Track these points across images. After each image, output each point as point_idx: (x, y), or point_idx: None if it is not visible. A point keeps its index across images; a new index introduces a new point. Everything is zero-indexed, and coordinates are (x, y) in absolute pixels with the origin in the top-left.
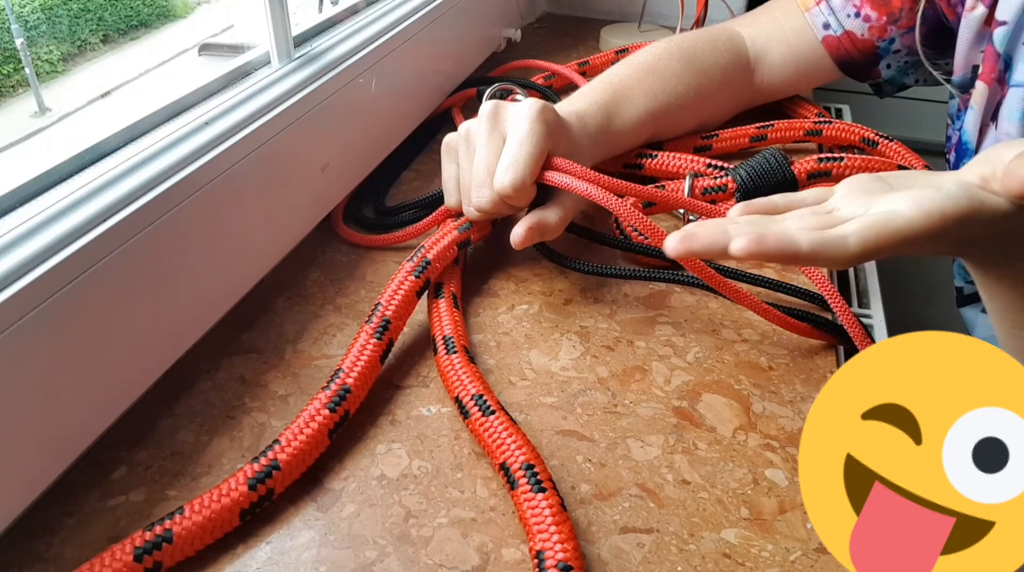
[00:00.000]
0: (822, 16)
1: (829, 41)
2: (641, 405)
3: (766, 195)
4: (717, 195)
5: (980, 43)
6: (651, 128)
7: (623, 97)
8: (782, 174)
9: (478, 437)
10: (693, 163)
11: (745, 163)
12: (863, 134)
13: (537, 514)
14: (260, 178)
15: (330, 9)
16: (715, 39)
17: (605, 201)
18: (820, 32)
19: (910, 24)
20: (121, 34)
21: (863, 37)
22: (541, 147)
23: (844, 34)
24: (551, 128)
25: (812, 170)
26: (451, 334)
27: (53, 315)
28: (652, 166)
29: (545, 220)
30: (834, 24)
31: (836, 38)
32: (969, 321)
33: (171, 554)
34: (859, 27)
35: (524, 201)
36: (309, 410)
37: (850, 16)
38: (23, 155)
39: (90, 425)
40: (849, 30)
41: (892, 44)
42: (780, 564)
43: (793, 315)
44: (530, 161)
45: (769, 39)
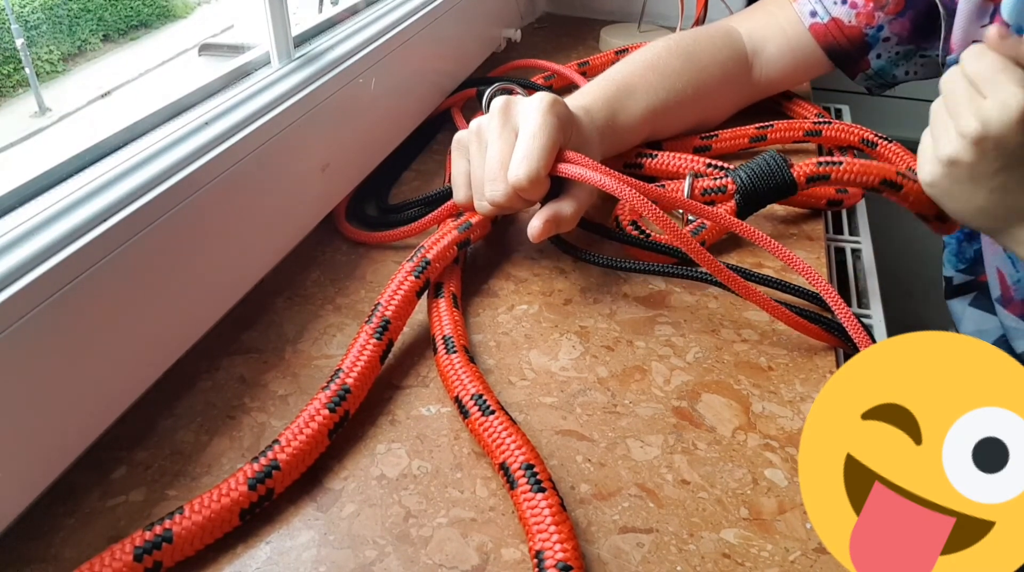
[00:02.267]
0: (809, 4)
1: (816, 29)
2: (641, 405)
3: (765, 197)
4: (717, 196)
5: (982, 17)
6: (652, 125)
7: (626, 94)
8: (782, 177)
9: (478, 437)
10: (693, 163)
11: (745, 165)
12: (863, 135)
13: (537, 514)
14: (260, 178)
15: (330, 9)
16: (713, 36)
17: (620, 191)
18: (807, 20)
19: (897, 10)
20: (121, 34)
21: (850, 24)
22: (554, 140)
23: (831, 21)
24: (563, 121)
25: (811, 174)
26: (451, 334)
27: (53, 315)
28: (652, 166)
29: (560, 212)
30: (821, 11)
31: (823, 25)
32: (956, 314)
33: (171, 554)
34: (846, 14)
35: (538, 194)
36: (309, 410)
37: (836, 3)
38: (23, 155)
39: (90, 425)
40: (836, 17)
41: (881, 31)
42: (779, 564)
43: (800, 315)
44: (544, 153)
45: (766, 33)
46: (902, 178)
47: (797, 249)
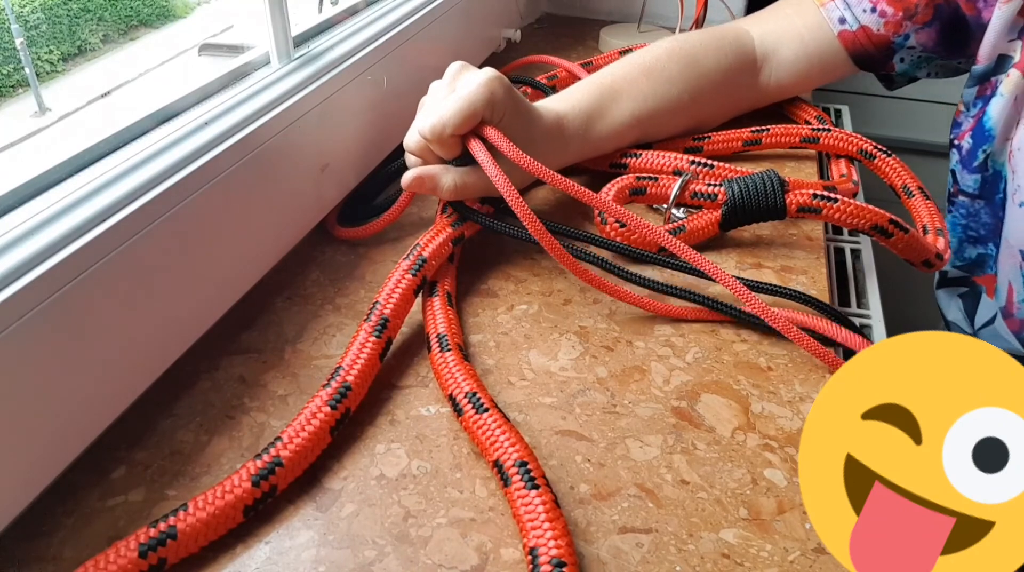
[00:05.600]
0: (838, 11)
1: (845, 36)
2: (640, 405)
3: (752, 215)
4: (705, 202)
5: (1011, 33)
6: (637, 131)
7: (609, 101)
8: (774, 200)
9: (472, 435)
10: (677, 161)
11: (741, 178)
12: (861, 145)
13: (531, 511)
14: (259, 178)
15: (330, 9)
16: (720, 39)
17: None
18: (836, 27)
19: (925, 20)
20: (121, 34)
21: (878, 32)
22: (473, 108)
23: (860, 29)
24: (495, 98)
25: (804, 204)
26: (445, 332)
27: (51, 315)
28: (637, 165)
29: (435, 176)
30: (850, 19)
31: (852, 32)
32: (943, 304)
33: (175, 550)
34: (875, 22)
35: (444, 150)
36: (310, 408)
37: (866, 11)
38: (23, 155)
39: (89, 425)
40: (865, 25)
41: (907, 40)
42: (779, 564)
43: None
44: (455, 114)
45: (780, 36)
46: (894, 226)
47: (796, 249)
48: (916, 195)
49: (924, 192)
